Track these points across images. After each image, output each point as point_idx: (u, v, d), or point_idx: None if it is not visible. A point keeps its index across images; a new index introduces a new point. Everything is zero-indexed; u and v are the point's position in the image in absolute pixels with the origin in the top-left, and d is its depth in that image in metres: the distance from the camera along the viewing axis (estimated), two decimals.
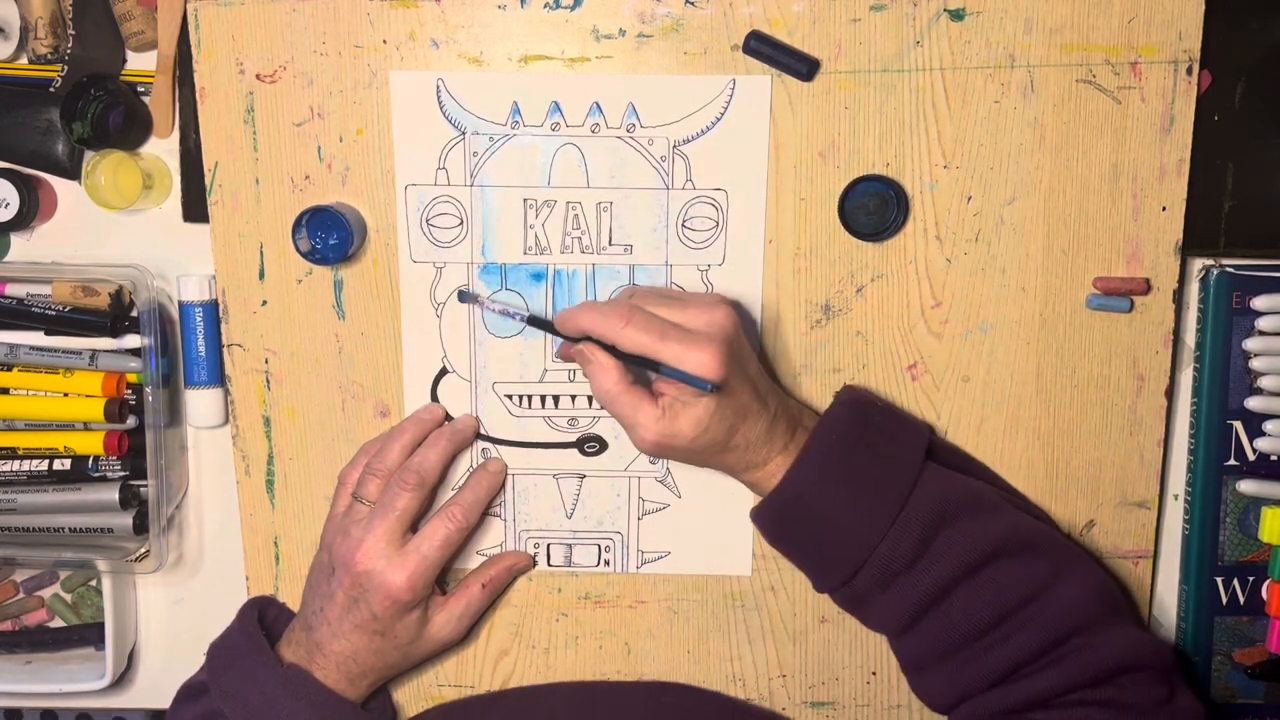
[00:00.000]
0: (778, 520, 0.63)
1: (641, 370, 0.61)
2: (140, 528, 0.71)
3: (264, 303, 0.69)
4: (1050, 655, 0.60)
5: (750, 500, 0.68)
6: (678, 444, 0.60)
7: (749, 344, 0.62)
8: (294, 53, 0.66)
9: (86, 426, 0.71)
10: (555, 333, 0.63)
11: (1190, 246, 0.67)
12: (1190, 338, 0.70)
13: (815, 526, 0.61)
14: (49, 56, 0.69)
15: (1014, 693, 0.60)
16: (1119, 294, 0.67)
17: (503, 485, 0.70)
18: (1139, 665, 0.60)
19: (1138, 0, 0.64)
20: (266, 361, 0.69)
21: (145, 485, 0.71)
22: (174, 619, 0.76)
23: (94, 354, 0.70)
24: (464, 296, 0.67)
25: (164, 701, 0.71)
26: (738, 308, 0.62)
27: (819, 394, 0.69)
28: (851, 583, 0.62)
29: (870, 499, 0.60)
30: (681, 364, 0.58)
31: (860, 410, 0.63)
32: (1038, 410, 0.69)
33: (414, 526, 0.66)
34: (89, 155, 0.70)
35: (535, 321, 0.65)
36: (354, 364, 0.69)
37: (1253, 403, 0.68)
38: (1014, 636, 0.60)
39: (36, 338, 0.71)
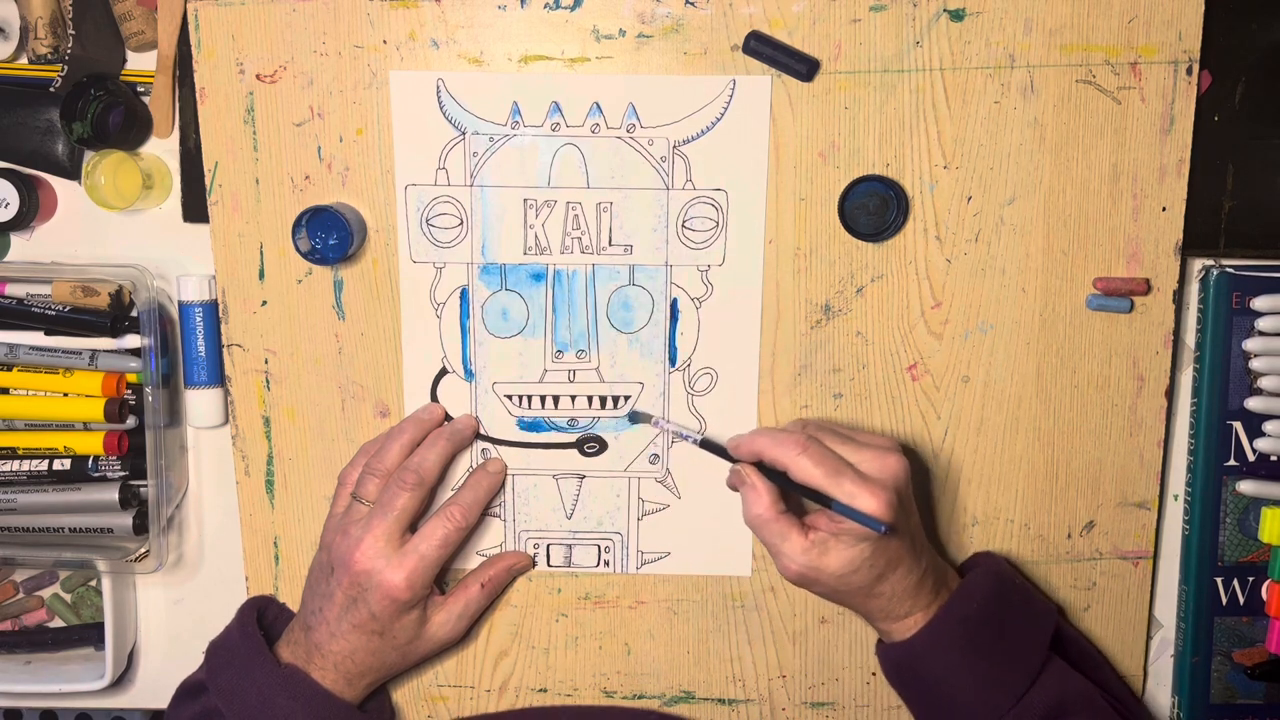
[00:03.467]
0: (899, 670, 0.64)
1: (799, 504, 0.62)
2: (140, 528, 0.71)
3: (264, 303, 0.69)
4: None
5: None
6: (822, 579, 0.60)
7: (912, 496, 0.63)
8: (294, 53, 0.66)
9: (86, 426, 0.71)
10: (726, 456, 0.64)
11: (1190, 246, 0.67)
12: (1190, 338, 0.70)
13: (936, 689, 0.62)
14: (49, 56, 0.69)
15: None
16: (1119, 294, 0.67)
17: (502, 485, 0.70)
18: None
19: (1138, 0, 0.64)
20: (266, 362, 0.69)
21: (145, 485, 0.71)
22: (174, 619, 0.76)
23: (94, 354, 0.70)
24: (635, 417, 0.69)
25: (164, 701, 0.71)
26: (910, 454, 0.63)
27: (819, 394, 0.69)
28: None
29: (995, 680, 0.61)
30: (854, 504, 0.58)
31: (1000, 585, 0.65)
32: (1038, 410, 0.69)
33: (413, 526, 0.66)
34: (89, 155, 0.70)
35: (708, 445, 0.65)
36: (354, 364, 0.69)
37: (1253, 403, 0.68)
38: None
39: (36, 338, 0.71)
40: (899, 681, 0.65)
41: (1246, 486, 0.69)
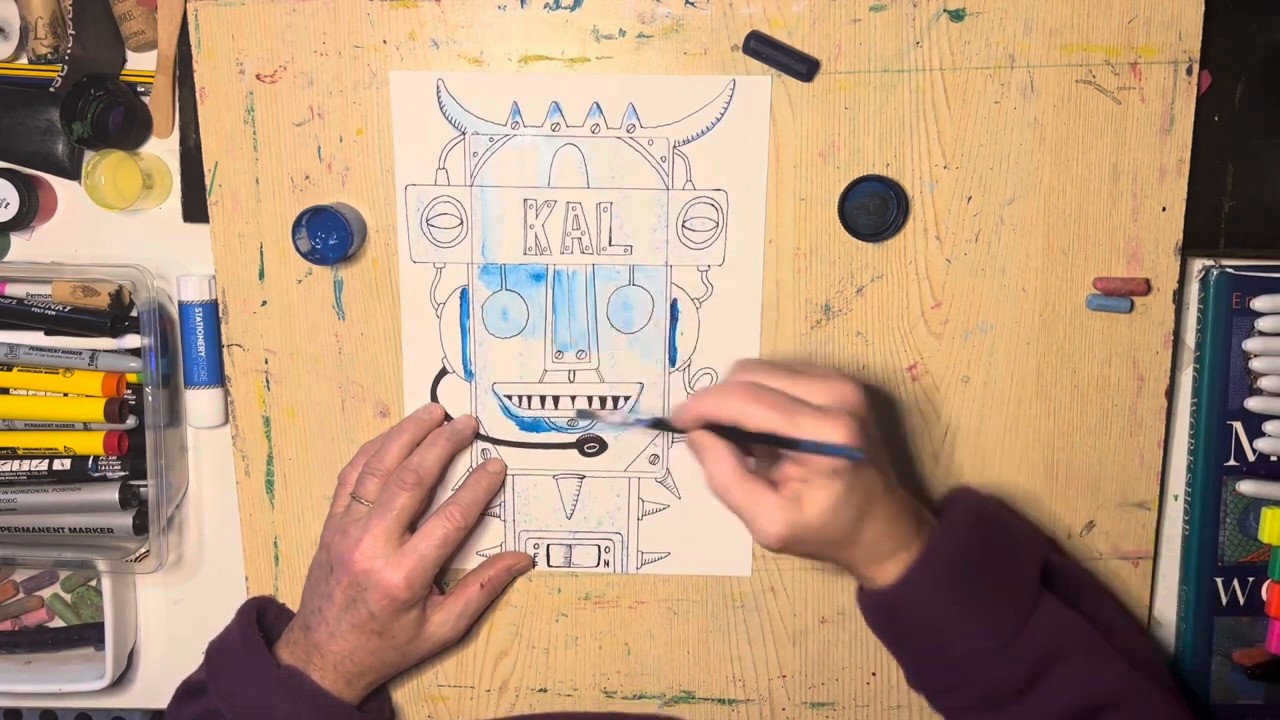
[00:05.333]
0: (886, 618, 0.60)
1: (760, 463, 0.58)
2: (140, 528, 0.71)
3: (264, 303, 0.69)
4: None
5: None
6: (805, 534, 0.55)
7: (874, 424, 0.58)
8: (294, 53, 0.66)
9: (86, 426, 0.71)
10: (674, 430, 0.58)
11: (1190, 247, 0.67)
12: (1190, 338, 0.70)
13: (924, 635, 0.59)
14: (49, 56, 0.69)
15: None
16: (1119, 294, 0.67)
17: (502, 485, 0.70)
18: None
19: (1138, 0, 0.64)
20: (266, 361, 0.69)
21: (145, 485, 0.71)
22: (174, 619, 0.76)
23: (94, 354, 0.70)
24: (583, 415, 0.67)
25: (163, 701, 0.71)
26: (868, 391, 0.58)
27: None
28: (948, 696, 0.60)
29: (984, 622, 0.58)
30: (817, 440, 0.53)
31: (983, 522, 0.61)
32: (1038, 411, 0.69)
33: (413, 526, 0.66)
34: (89, 155, 0.70)
35: (660, 425, 0.61)
36: (354, 364, 0.69)
37: (1252, 403, 0.68)
38: None
39: (36, 338, 0.71)
40: (883, 628, 0.61)
41: (1246, 486, 0.69)
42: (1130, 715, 0.59)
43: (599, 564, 0.71)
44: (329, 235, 0.65)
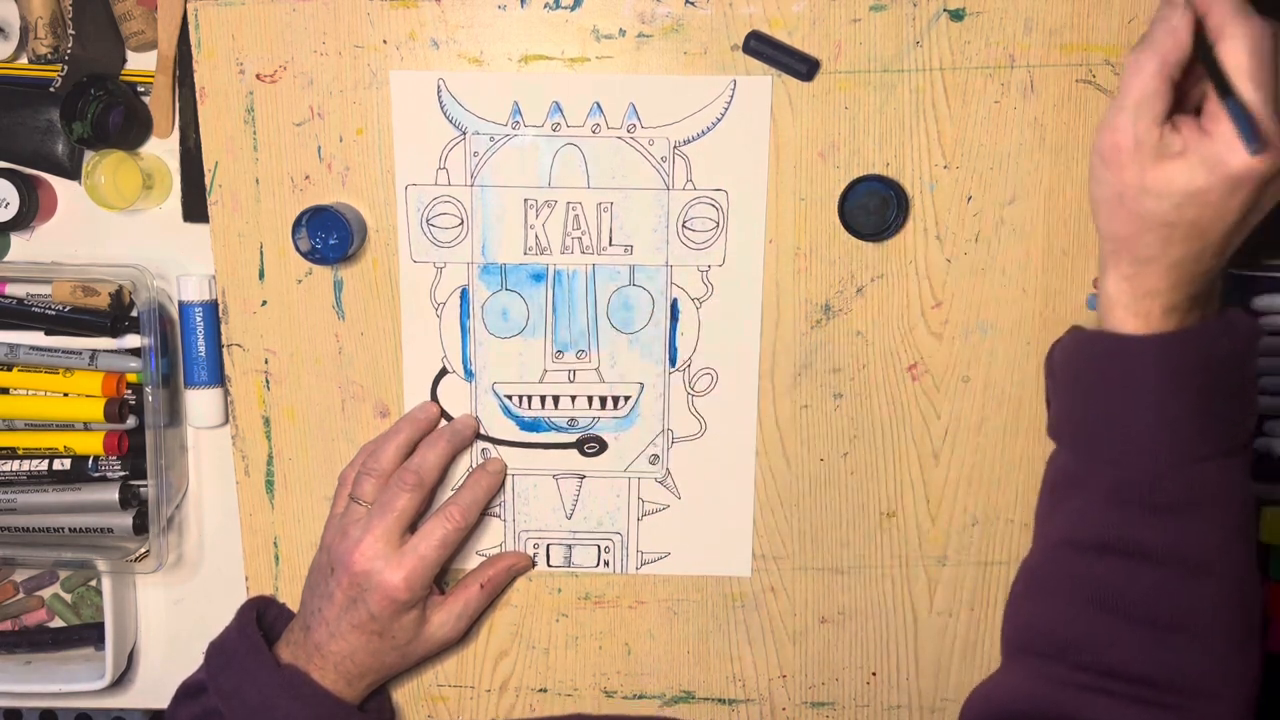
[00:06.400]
0: (1160, 354, 0.52)
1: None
2: (140, 528, 0.71)
3: (264, 303, 0.69)
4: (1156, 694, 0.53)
5: (759, 512, 0.68)
6: (1155, 187, 0.49)
7: None
8: (294, 53, 0.66)
9: (86, 426, 0.71)
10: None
11: None
12: None
13: (1137, 402, 0.52)
14: (49, 56, 0.69)
15: (1086, 699, 0.53)
16: None
17: (502, 485, 0.70)
18: None
19: (1138, 0, 0.64)
20: (266, 362, 0.69)
21: (145, 485, 0.71)
22: (174, 619, 0.76)
23: (94, 354, 0.70)
24: None
25: (163, 701, 0.71)
26: None
27: (819, 394, 0.69)
28: (1090, 465, 0.54)
29: (1206, 428, 0.52)
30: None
31: (1254, 336, 0.54)
32: (1038, 411, 0.69)
33: (413, 527, 0.66)
34: (89, 155, 0.70)
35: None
36: (354, 364, 0.69)
37: None
38: (1154, 650, 0.53)
39: (36, 338, 0.71)
40: (1108, 372, 0.53)
41: None
42: (1241, 591, 0.53)
43: (599, 564, 0.71)
44: (329, 235, 0.65)
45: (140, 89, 0.70)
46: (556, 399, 0.69)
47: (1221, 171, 0.48)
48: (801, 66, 0.64)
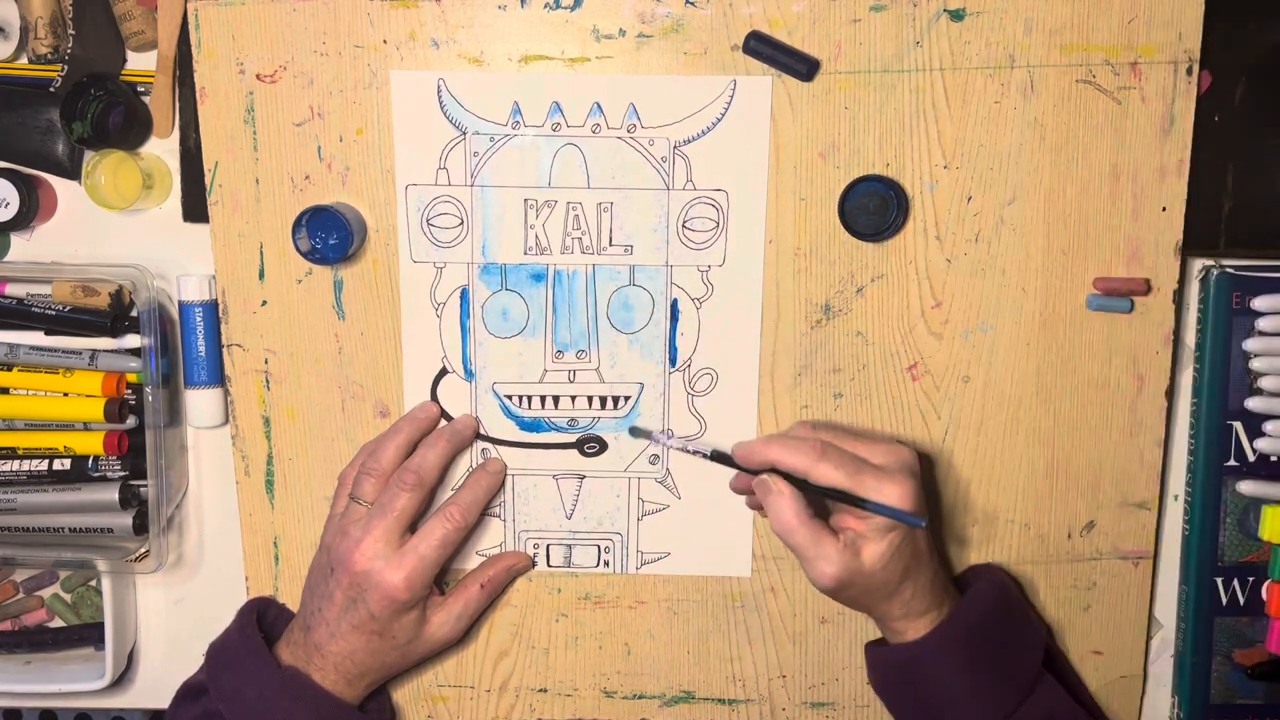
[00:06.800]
0: (900, 671, 0.64)
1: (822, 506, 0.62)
2: (140, 528, 0.71)
3: (264, 303, 0.69)
4: None
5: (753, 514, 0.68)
6: (858, 580, 0.60)
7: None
8: (294, 53, 0.66)
9: (86, 426, 0.71)
10: (738, 466, 0.63)
11: (1190, 246, 0.67)
12: (1190, 338, 0.70)
13: (933, 693, 0.62)
14: (49, 56, 0.69)
15: None
16: (1119, 294, 0.67)
17: (502, 485, 0.70)
18: None
19: (1138, 0, 0.64)
20: (266, 361, 0.69)
21: (145, 485, 0.71)
22: (174, 619, 0.76)
23: (94, 354, 0.70)
24: (635, 433, 0.68)
25: (163, 701, 0.71)
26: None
27: (819, 394, 0.69)
28: None
29: (991, 691, 0.62)
30: (880, 499, 0.58)
31: (1004, 596, 0.65)
32: (1038, 411, 0.69)
33: (413, 527, 0.66)
34: (89, 155, 0.70)
35: (718, 457, 0.64)
36: (354, 364, 0.69)
37: (1253, 403, 0.68)
38: None
39: (36, 338, 0.71)
40: (895, 682, 0.65)
41: (1246, 486, 0.69)
42: None
43: (599, 564, 0.71)
44: (329, 235, 0.65)
45: (140, 89, 0.70)
46: (556, 399, 0.69)
47: (892, 536, 0.60)
48: (801, 66, 0.64)
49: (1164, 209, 0.66)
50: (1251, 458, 0.69)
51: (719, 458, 0.64)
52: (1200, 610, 0.71)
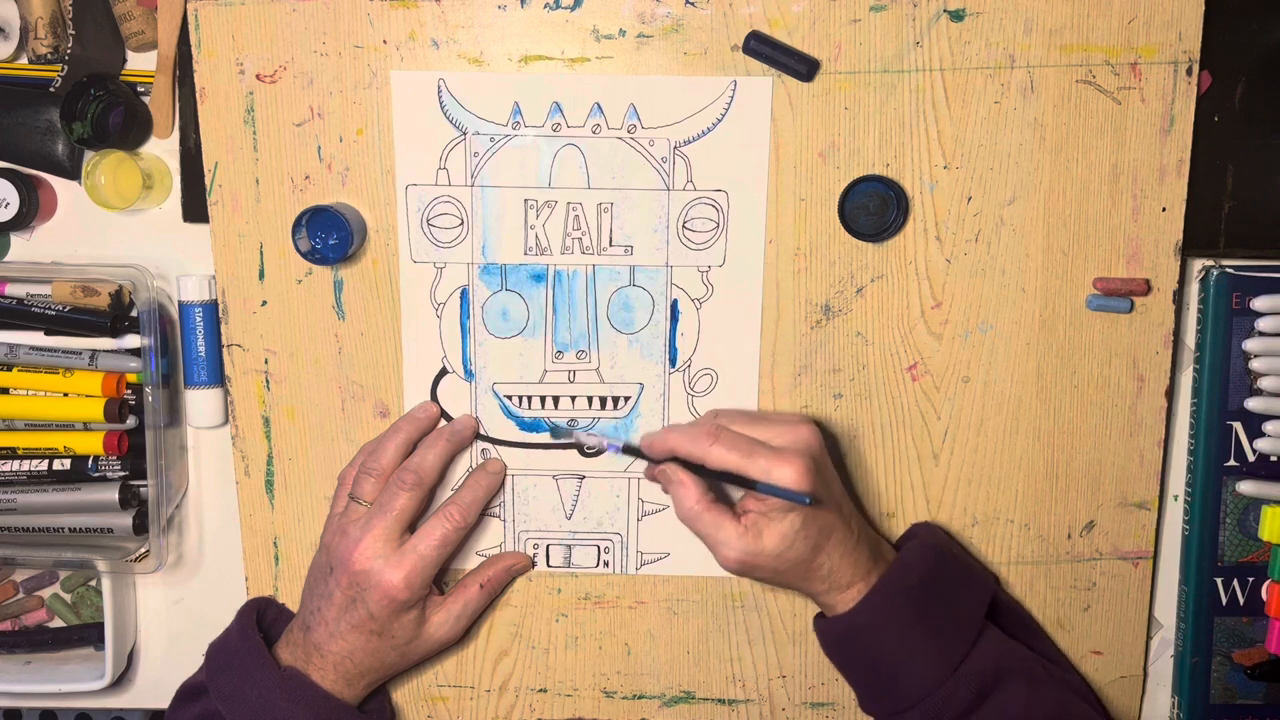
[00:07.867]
0: (841, 643, 0.64)
1: (723, 491, 0.63)
2: (140, 528, 0.71)
3: (264, 303, 0.69)
4: None
5: None
6: (762, 561, 0.60)
7: (832, 465, 0.64)
8: (294, 53, 0.66)
9: (86, 426, 0.71)
10: (645, 457, 0.64)
11: (1190, 247, 0.67)
12: (1190, 338, 0.70)
13: (877, 659, 0.62)
14: (49, 56, 0.69)
15: None
16: (1119, 294, 0.67)
17: (502, 485, 0.70)
18: None
19: (1138, 1, 0.64)
20: (266, 362, 0.69)
21: (145, 485, 0.71)
22: (174, 619, 0.76)
23: (94, 354, 0.70)
24: (557, 432, 0.69)
25: (163, 701, 0.71)
26: (821, 427, 0.64)
27: (819, 394, 0.69)
28: (900, 716, 0.62)
29: (934, 649, 0.62)
30: (770, 479, 0.59)
31: (937, 557, 0.64)
32: (1038, 411, 0.69)
33: (413, 527, 0.66)
34: (89, 155, 0.70)
35: (629, 450, 0.66)
36: (354, 364, 0.69)
37: (1252, 403, 0.68)
38: None
39: (36, 338, 0.71)
40: (839, 654, 0.64)
41: (1246, 487, 0.69)
42: None
43: (599, 564, 0.71)
44: (329, 235, 0.65)
45: (140, 89, 0.70)
46: (556, 399, 0.69)
47: (793, 516, 0.60)
48: (801, 67, 0.64)
49: (1164, 209, 0.66)
50: (1251, 458, 0.69)
51: (630, 450, 0.66)
52: (1200, 610, 0.71)
